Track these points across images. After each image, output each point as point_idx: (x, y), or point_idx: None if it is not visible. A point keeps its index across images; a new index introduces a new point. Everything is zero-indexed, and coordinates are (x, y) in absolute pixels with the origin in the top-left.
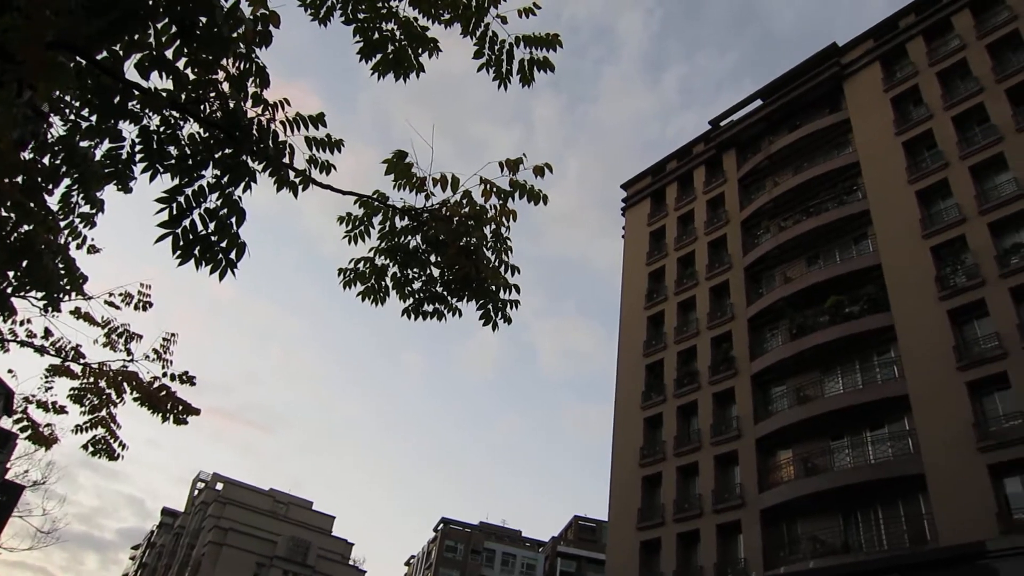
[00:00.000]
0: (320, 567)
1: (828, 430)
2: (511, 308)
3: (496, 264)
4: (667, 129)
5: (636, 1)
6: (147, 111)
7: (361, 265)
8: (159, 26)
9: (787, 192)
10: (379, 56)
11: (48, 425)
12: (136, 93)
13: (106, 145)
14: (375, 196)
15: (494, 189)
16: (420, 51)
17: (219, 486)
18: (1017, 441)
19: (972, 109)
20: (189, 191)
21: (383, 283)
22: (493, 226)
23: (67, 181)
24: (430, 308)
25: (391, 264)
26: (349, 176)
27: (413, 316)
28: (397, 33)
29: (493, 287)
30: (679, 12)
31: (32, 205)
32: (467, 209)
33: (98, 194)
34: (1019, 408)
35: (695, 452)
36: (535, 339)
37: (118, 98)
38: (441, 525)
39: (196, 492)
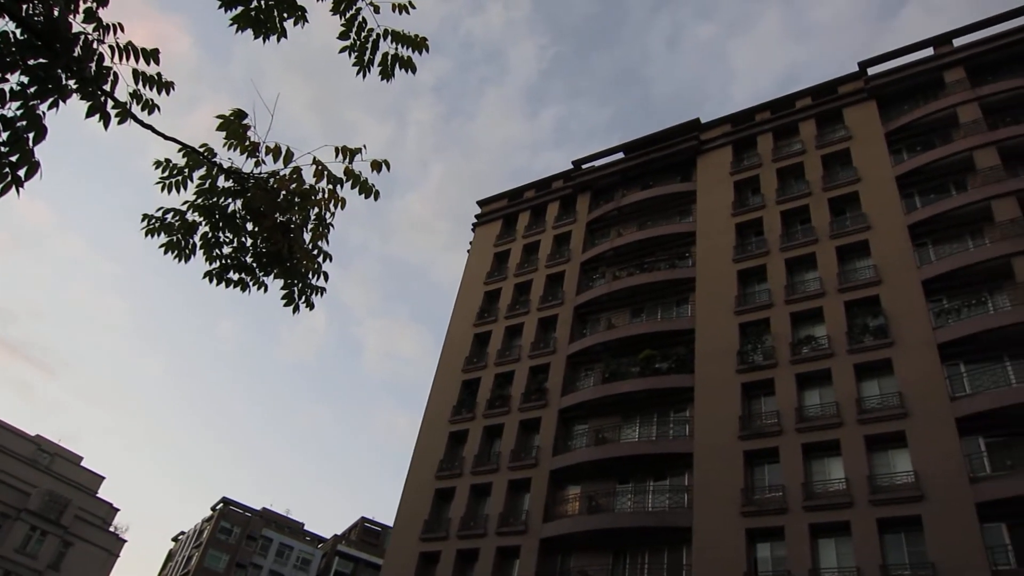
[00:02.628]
0: (75, 528)
1: (617, 474)
2: (317, 295)
3: (312, 247)
4: (534, 161)
5: (532, 34)
6: None
7: (170, 216)
8: None
9: (628, 244)
10: (241, 9)
11: None
12: None
13: None
14: (202, 149)
15: (326, 172)
16: (286, 16)
17: None
18: (774, 511)
19: (798, 209)
20: None
21: (191, 240)
22: (318, 209)
23: None
24: (235, 277)
25: (204, 223)
26: (201, 130)
27: (216, 281)
28: None
29: (304, 269)
30: (570, 55)
31: None
32: (295, 186)
33: None
34: (781, 482)
35: (492, 473)
36: (363, 336)
37: None
38: (220, 505)
39: None
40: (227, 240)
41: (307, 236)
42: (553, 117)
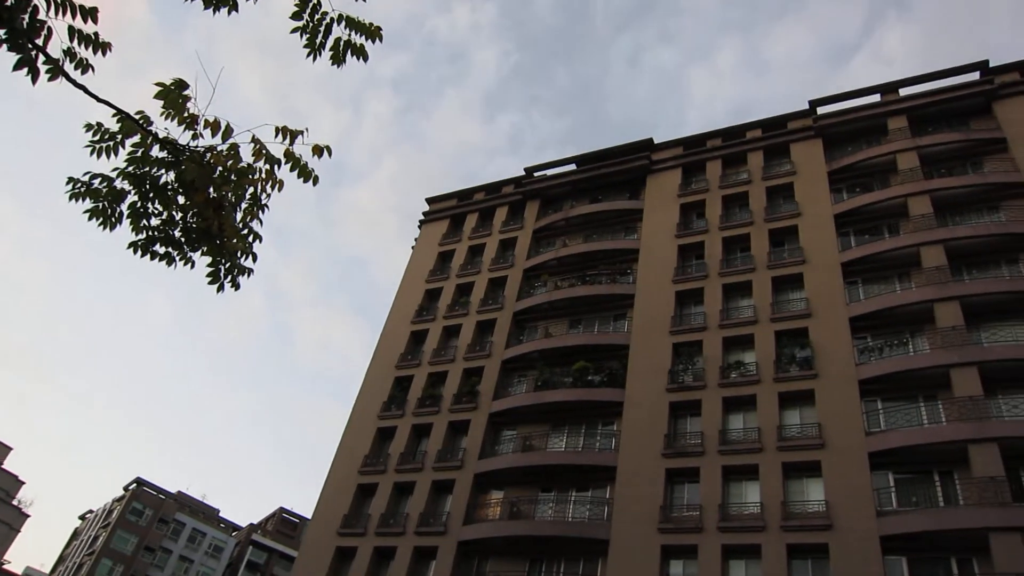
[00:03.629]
0: None
1: (541, 482)
2: (245, 275)
3: (243, 226)
4: (486, 165)
5: (497, 40)
6: None
7: (97, 182)
8: None
9: (572, 256)
10: None
11: None
12: None
13: None
14: (137, 116)
15: (264, 152)
16: None
17: None
18: (689, 530)
19: (740, 236)
20: None
21: (118, 208)
22: (254, 189)
23: None
24: (161, 250)
25: (133, 192)
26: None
27: (141, 252)
28: None
29: (233, 248)
30: (531, 64)
31: None
32: (232, 162)
33: None
34: (699, 502)
35: (416, 472)
36: (299, 323)
37: None
38: (134, 484)
39: None
40: (156, 212)
41: (240, 215)
42: (509, 123)
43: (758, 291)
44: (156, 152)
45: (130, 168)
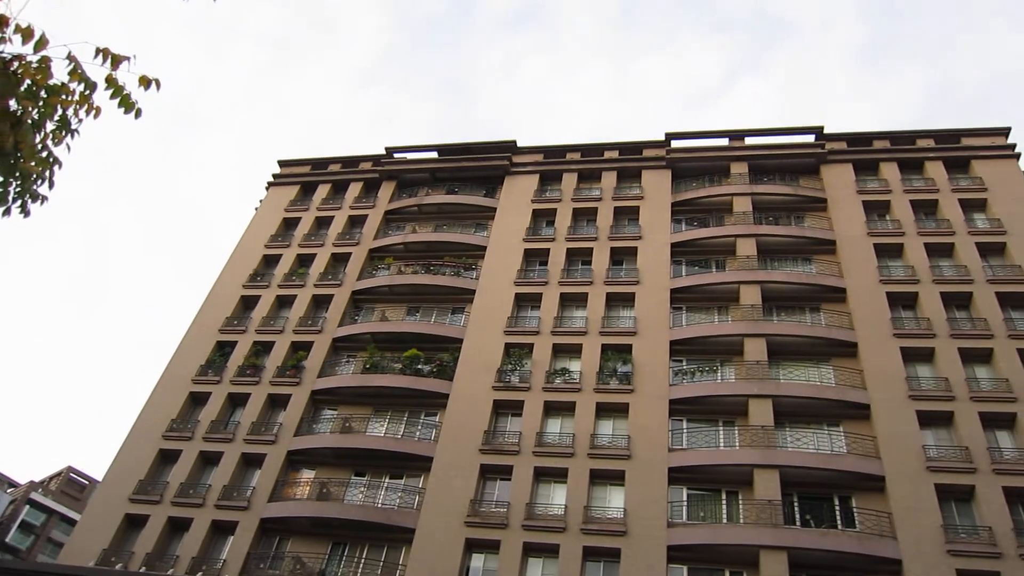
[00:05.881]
0: None
1: (356, 465)
2: (38, 202)
3: (42, 148)
4: (345, 138)
5: (375, 14)
6: None
7: None
8: None
9: (420, 243)
10: None
11: None
12: None
13: None
14: None
15: (80, 72)
16: None
17: None
18: (495, 526)
19: (583, 250)
20: None
21: None
22: (63, 111)
23: None
24: None
25: None
26: None
27: None
28: None
29: (29, 171)
30: (407, 48)
31: None
32: (41, 77)
33: None
34: (508, 499)
35: (226, 443)
36: (117, 270)
37: None
38: None
39: None
40: None
41: (43, 137)
42: (374, 101)
43: (592, 304)
44: None
45: None
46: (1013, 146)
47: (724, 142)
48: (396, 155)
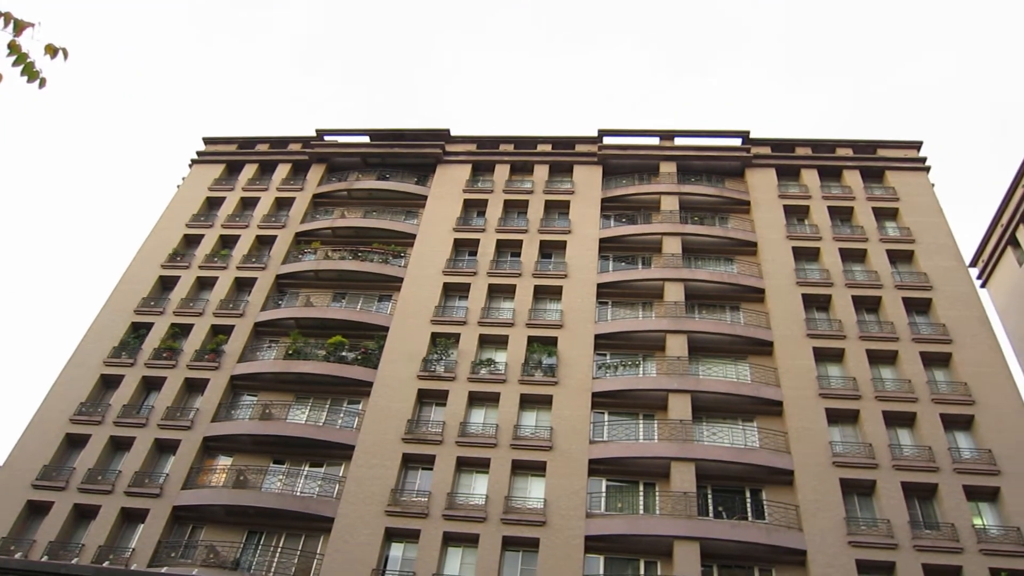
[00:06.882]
0: None
1: (275, 452)
2: None
3: None
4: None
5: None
6: None
7: None
8: None
9: (348, 228)
10: None
11: None
12: None
13: None
14: None
15: None
16: None
17: None
18: (415, 515)
19: (513, 241)
20: None
21: None
22: None
23: None
24: None
25: None
26: None
27: None
28: None
29: None
30: (343, 29)
31: None
32: None
33: None
34: (429, 489)
35: (139, 428)
36: (28, 245)
37: None
38: None
39: None
40: None
41: None
42: (307, 81)
43: (520, 296)
44: None
45: None
46: (924, 159)
47: (655, 141)
48: (327, 138)
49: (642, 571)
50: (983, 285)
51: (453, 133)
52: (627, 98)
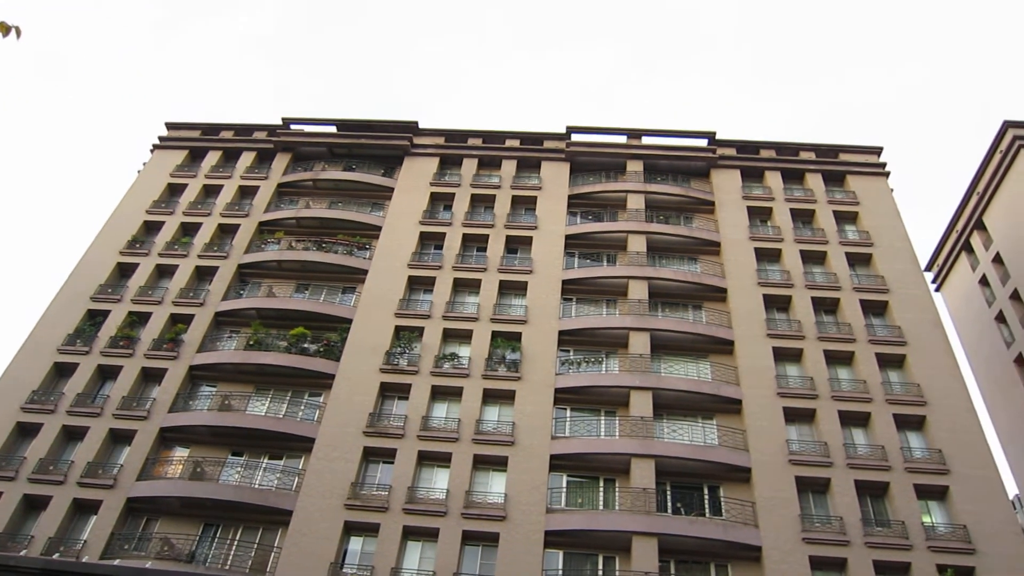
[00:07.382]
0: None
1: (234, 444)
2: None
3: None
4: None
5: None
6: None
7: None
8: None
9: (313, 219)
10: None
11: None
12: None
13: None
14: None
15: None
16: None
17: None
18: (375, 509)
19: (480, 236)
20: None
21: None
22: None
23: None
24: None
25: None
26: None
27: None
28: None
29: None
30: (310, 18)
31: None
32: None
33: None
34: (390, 483)
35: (93, 417)
36: None
37: None
38: None
39: None
40: None
41: None
42: (272, 69)
43: (485, 291)
44: None
45: None
46: (884, 164)
47: (623, 139)
48: (293, 126)
49: (600, 566)
50: (938, 289)
51: (422, 126)
52: (596, 98)
